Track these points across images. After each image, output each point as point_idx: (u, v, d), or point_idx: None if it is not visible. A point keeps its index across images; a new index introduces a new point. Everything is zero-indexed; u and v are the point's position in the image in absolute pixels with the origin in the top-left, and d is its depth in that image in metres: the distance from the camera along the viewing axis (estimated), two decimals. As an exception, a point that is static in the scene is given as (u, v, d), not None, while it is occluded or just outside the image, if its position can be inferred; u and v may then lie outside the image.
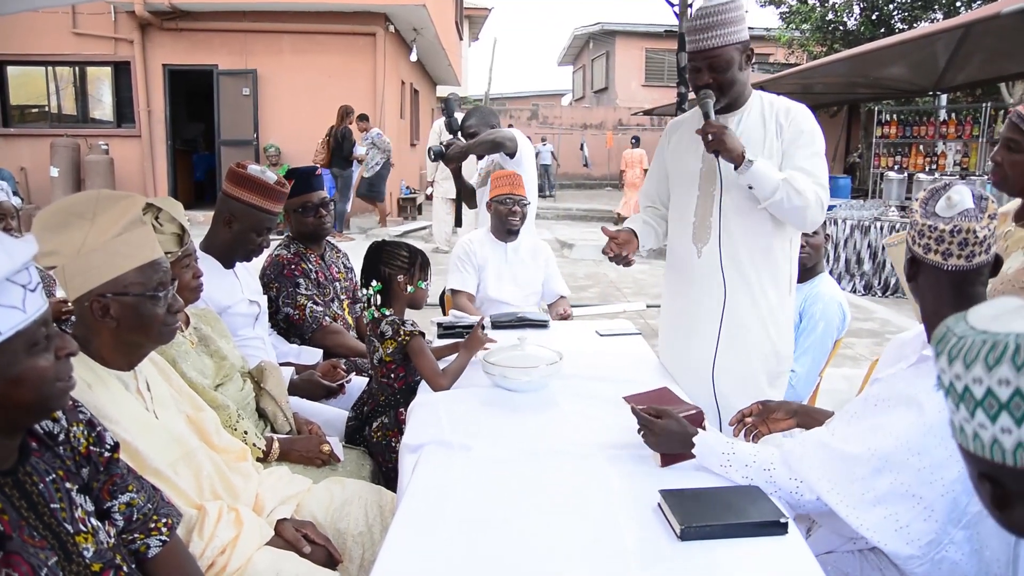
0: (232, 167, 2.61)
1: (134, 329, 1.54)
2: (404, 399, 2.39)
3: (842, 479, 1.45)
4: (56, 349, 1.15)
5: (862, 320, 6.55)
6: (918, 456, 1.37)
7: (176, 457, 1.61)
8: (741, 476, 1.59)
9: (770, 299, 2.33)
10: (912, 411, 1.41)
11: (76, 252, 1.46)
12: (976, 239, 1.40)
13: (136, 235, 1.54)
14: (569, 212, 16.24)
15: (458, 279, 3.47)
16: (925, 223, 1.44)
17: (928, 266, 1.44)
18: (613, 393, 2.22)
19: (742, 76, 2.24)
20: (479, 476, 1.69)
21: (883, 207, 8.52)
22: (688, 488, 1.56)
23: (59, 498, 1.21)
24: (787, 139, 2.26)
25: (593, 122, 24.61)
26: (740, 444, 1.64)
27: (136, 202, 1.57)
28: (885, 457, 1.41)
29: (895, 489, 1.39)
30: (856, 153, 17.29)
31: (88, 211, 1.49)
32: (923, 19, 15.28)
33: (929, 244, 1.43)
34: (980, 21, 6.88)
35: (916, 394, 1.42)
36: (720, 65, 2.19)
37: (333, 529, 1.82)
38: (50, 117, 12.43)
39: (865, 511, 1.41)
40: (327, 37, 11.91)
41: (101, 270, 1.49)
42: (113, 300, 1.50)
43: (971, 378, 0.79)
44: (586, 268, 9.67)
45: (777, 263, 2.33)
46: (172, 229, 1.97)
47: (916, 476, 1.37)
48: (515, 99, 30.71)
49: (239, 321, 2.56)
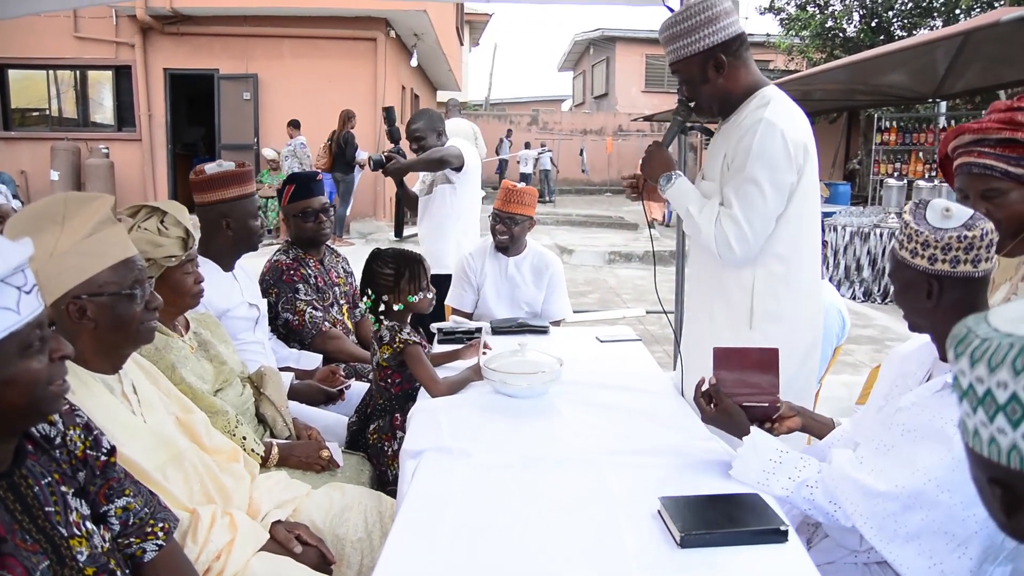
0: (192, 178, 2.58)
1: (112, 329, 1.52)
2: (400, 405, 2.38)
3: (874, 514, 1.43)
4: (50, 352, 1.14)
5: (862, 327, 6.55)
6: (948, 493, 1.35)
7: (165, 460, 1.60)
8: (781, 487, 1.55)
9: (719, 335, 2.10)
10: (940, 446, 1.38)
11: (49, 256, 1.43)
12: (982, 243, 1.41)
13: (107, 234, 1.51)
14: (569, 218, 16.24)
15: (456, 296, 3.47)
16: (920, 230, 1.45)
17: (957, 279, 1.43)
18: (613, 400, 2.22)
19: (713, 86, 2.07)
20: (479, 482, 1.69)
21: (883, 214, 8.52)
22: (688, 495, 1.55)
23: (54, 501, 1.20)
24: (729, 158, 2.05)
25: (593, 128, 24.63)
26: (788, 454, 1.60)
27: (106, 202, 1.54)
28: (915, 495, 1.39)
29: (927, 526, 1.38)
30: (856, 160, 17.30)
31: (58, 214, 1.47)
32: (922, 26, 15.32)
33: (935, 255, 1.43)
34: (979, 29, 6.89)
35: (943, 427, 1.40)
36: (684, 79, 2.10)
37: (332, 535, 1.82)
38: (51, 121, 12.44)
39: (899, 547, 1.40)
40: (328, 42, 11.92)
41: (74, 272, 1.47)
42: (88, 301, 1.48)
43: (995, 382, 0.78)
44: (586, 274, 9.67)
45: (731, 298, 2.12)
46: (177, 233, 1.97)
47: (948, 513, 1.36)
48: (515, 104, 30.78)
49: (239, 325, 2.55)
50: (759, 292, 2.08)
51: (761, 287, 2.07)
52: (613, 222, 15.22)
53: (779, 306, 2.08)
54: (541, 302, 3.43)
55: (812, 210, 2.10)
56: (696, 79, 2.08)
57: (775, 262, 2.07)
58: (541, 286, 3.43)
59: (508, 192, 3.33)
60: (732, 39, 2.03)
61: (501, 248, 3.39)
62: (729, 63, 2.04)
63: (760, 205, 1.98)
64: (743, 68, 2.08)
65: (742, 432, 1.68)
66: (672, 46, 2.07)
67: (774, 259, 2.07)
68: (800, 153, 2.00)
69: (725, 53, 2.03)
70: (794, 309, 2.11)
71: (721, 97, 2.10)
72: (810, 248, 2.13)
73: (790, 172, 2.00)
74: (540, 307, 3.44)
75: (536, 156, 20.48)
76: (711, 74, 2.05)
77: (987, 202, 1.77)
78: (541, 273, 3.43)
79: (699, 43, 2.02)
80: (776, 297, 2.08)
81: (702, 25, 2.00)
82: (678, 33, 2.04)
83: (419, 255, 2.50)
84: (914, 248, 1.46)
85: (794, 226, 2.06)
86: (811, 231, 2.12)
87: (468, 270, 3.43)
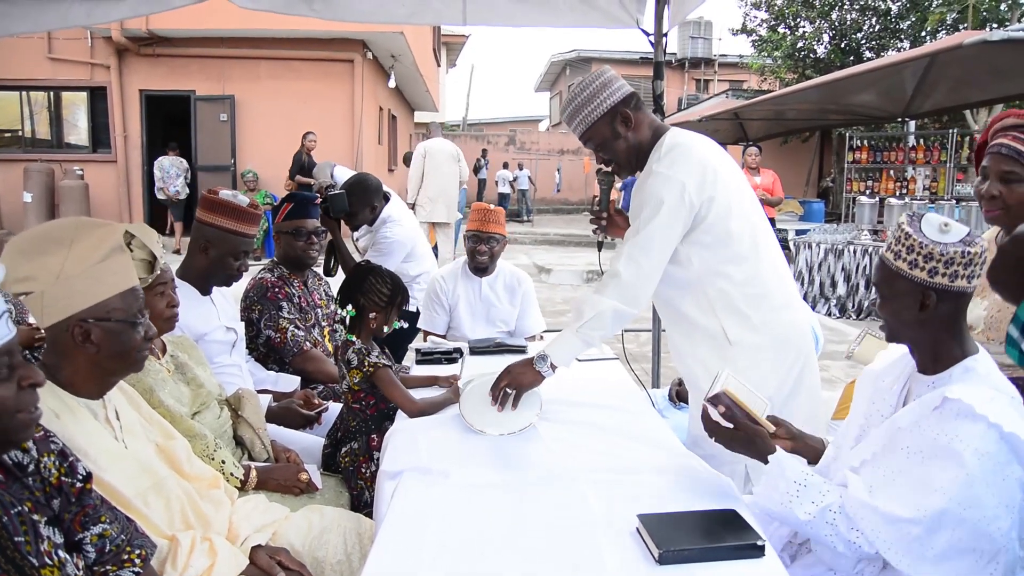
0: (204, 194, 2.61)
1: (113, 356, 1.54)
2: (376, 425, 2.37)
3: (899, 540, 1.41)
4: (19, 379, 1.13)
5: (837, 343, 6.63)
6: (970, 509, 1.35)
7: (146, 487, 1.59)
8: (804, 512, 1.52)
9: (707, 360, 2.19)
10: (951, 463, 1.38)
11: (55, 277, 1.45)
12: (980, 260, 1.44)
13: (118, 262, 1.55)
14: (547, 237, 16.32)
15: (427, 319, 3.49)
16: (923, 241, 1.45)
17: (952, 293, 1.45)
18: (591, 418, 2.23)
19: (627, 141, 2.20)
20: (458, 502, 1.69)
21: (856, 231, 8.66)
22: (666, 512, 1.57)
23: (24, 531, 1.18)
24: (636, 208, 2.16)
25: (570, 148, 24.83)
26: (814, 478, 1.57)
27: (116, 229, 1.58)
28: (938, 516, 1.37)
29: (954, 545, 1.37)
30: (829, 178, 17.59)
31: (66, 237, 1.49)
32: (890, 48, 15.69)
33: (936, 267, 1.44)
34: (945, 51, 7.08)
35: (950, 443, 1.39)
36: (599, 144, 2.23)
37: (311, 558, 1.80)
38: (24, 142, 12.33)
39: (929, 569, 1.39)
40: (305, 63, 11.96)
41: (85, 295, 1.48)
42: (95, 325, 1.50)
43: None
44: (564, 293, 9.70)
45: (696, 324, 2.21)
46: (142, 256, 1.95)
47: (974, 529, 1.36)
48: (493, 124, 30.98)
49: (216, 348, 2.54)
50: (719, 308, 2.17)
51: (719, 303, 2.17)
52: (591, 241, 15.24)
53: (745, 313, 2.16)
54: (515, 319, 3.48)
55: (746, 222, 2.19)
56: (609, 139, 2.21)
57: (722, 280, 2.16)
58: (515, 303, 3.49)
59: (484, 213, 3.36)
60: (628, 96, 2.19)
61: (481, 268, 3.41)
62: (634, 116, 2.19)
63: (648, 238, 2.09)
64: (645, 119, 2.23)
65: (766, 453, 1.63)
66: (580, 117, 2.19)
67: (719, 277, 2.16)
68: (709, 180, 2.11)
69: (627, 108, 2.18)
70: (771, 317, 2.18)
71: (635, 149, 2.22)
72: (766, 253, 2.21)
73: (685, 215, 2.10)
74: (515, 324, 3.48)
75: (514, 176, 20.58)
76: (621, 129, 2.19)
77: (1004, 184, 1.85)
78: (514, 291, 3.50)
79: (603, 105, 2.16)
80: (734, 309, 2.16)
81: (600, 90, 2.17)
82: (582, 103, 2.18)
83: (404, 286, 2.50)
84: (914, 260, 1.46)
85: (734, 239, 2.15)
86: (755, 239, 2.20)
87: (440, 292, 3.46)
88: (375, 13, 3.62)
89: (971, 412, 1.37)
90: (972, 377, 1.47)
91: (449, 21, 3.93)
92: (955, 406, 1.40)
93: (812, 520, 1.51)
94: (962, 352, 1.50)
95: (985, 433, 1.36)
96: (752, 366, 2.11)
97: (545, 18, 3.72)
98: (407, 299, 2.48)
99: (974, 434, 1.36)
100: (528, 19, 3.71)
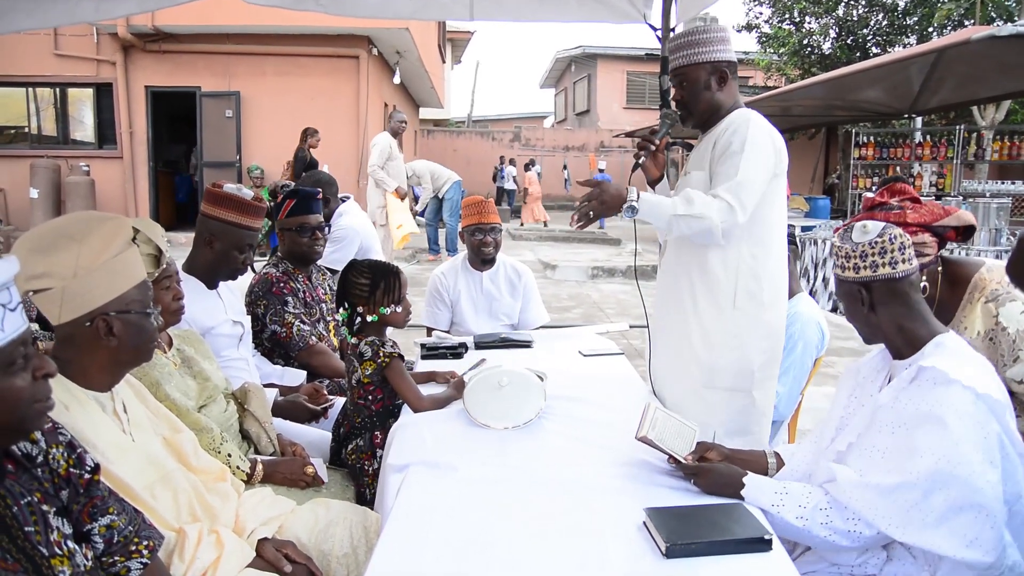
0: (208, 187, 2.62)
1: (131, 347, 1.57)
2: (381, 421, 2.36)
3: (896, 511, 1.47)
4: (34, 369, 1.14)
5: (843, 339, 6.60)
6: (960, 466, 1.43)
7: (153, 480, 1.60)
8: (795, 516, 1.58)
9: (703, 315, 2.25)
10: (936, 427, 1.46)
11: (72, 273, 1.46)
12: (892, 246, 1.57)
13: (130, 254, 1.57)
14: (552, 233, 16.30)
15: (430, 316, 3.50)
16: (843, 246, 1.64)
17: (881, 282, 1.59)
18: (597, 413, 2.23)
19: (712, 95, 2.27)
20: (464, 496, 1.69)
21: (861, 227, 8.63)
22: (673, 506, 1.57)
23: (34, 521, 1.19)
24: (715, 158, 2.23)
25: (575, 144, 24.79)
26: (791, 484, 1.65)
27: (124, 223, 1.59)
28: (930, 477, 1.44)
29: (951, 504, 1.43)
30: (835, 175, 17.53)
31: (77, 232, 1.50)
32: (897, 44, 15.61)
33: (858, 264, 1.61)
34: (952, 47, 7.04)
35: (931, 409, 1.48)
36: (686, 83, 2.28)
37: (317, 551, 1.81)
38: (30, 138, 12.35)
39: (932, 534, 1.45)
40: (310, 60, 11.95)
41: (105, 289, 1.50)
42: (116, 318, 1.52)
43: None
44: (569, 289, 9.70)
45: (715, 278, 2.25)
46: (148, 250, 1.96)
47: (965, 484, 1.42)
48: (498, 121, 30.94)
49: (222, 342, 2.54)
50: (743, 272, 2.24)
51: (744, 267, 2.24)
52: (596, 237, 15.30)
53: (759, 287, 2.24)
54: (518, 312, 3.50)
55: (781, 211, 2.31)
56: (700, 84, 2.27)
57: (756, 246, 2.25)
58: (517, 296, 3.51)
59: (480, 205, 3.39)
60: (733, 61, 2.29)
61: (488, 260, 3.42)
62: (729, 80, 2.28)
63: (745, 172, 2.14)
64: (734, 89, 2.32)
65: (738, 485, 1.66)
66: (686, 52, 2.26)
67: (755, 243, 2.24)
68: (781, 157, 2.22)
69: (728, 70, 2.27)
70: (772, 292, 2.28)
71: (712, 108, 2.28)
72: (779, 240, 2.33)
73: (776, 161, 2.20)
74: (518, 317, 3.49)
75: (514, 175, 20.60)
76: (713, 84, 2.26)
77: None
78: (515, 284, 3.52)
79: (713, 54, 2.24)
80: (756, 278, 2.24)
81: (718, 41, 2.25)
82: (697, 41, 2.25)
83: (396, 267, 2.47)
84: (842, 263, 1.65)
85: (772, 216, 2.26)
86: (781, 225, 2.32)
87: (441, 288, 3.47)
88: (382, 8, 3.63)
89: (945, 377, 1.47)
90: (942, 350, 1.57)
91: (456, 16, 3.91)
92: (930, 374, 1.50)
93: (807, 524, 1.56)
94: (929, 332, 1.61)
95: (962, 394, 1.46)
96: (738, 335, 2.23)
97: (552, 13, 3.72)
98: (396, 282, 2.42)
99: (952, 396, 1.46)
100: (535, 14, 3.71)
